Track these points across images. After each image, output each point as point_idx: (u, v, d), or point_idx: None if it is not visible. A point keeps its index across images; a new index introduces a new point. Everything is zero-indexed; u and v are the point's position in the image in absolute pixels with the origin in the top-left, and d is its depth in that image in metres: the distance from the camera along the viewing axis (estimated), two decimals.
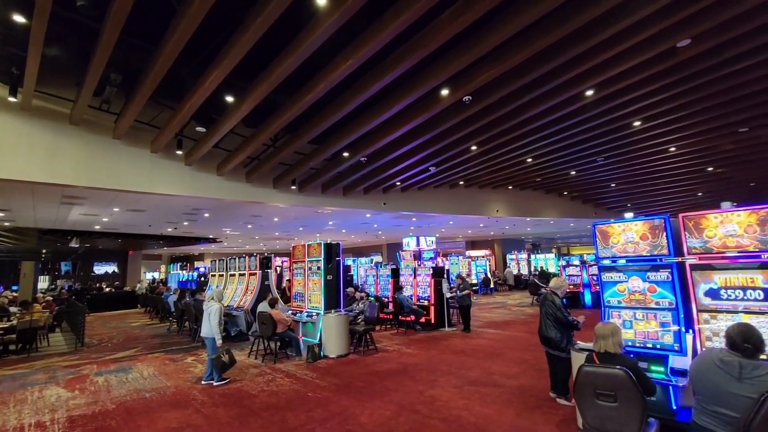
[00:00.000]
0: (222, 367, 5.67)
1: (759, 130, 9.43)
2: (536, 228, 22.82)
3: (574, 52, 5.81)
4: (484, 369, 6.12)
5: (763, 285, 2.94)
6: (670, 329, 3.29)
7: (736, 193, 17.16)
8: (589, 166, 12.61)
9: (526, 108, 7.75)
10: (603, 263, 3.75)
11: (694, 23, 5.43)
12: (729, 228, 3.10)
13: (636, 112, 8.45)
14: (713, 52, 6.24)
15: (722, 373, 2.34)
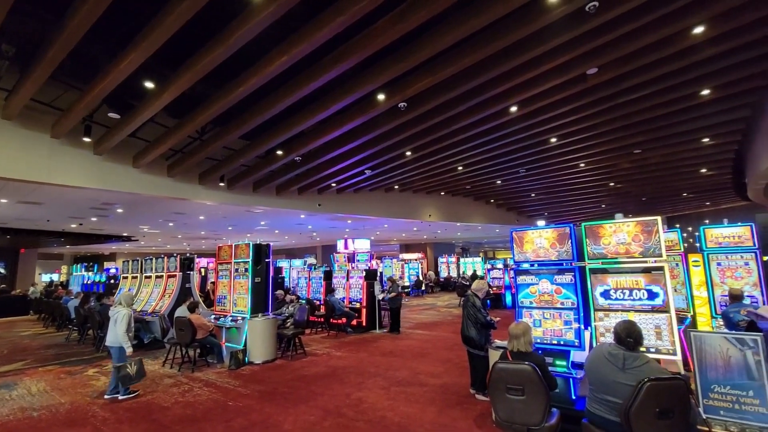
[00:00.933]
0: (127, 379, 5.14)
1: (649, 152, 10.90)
2: (466, 233, 24.04)
3: (500, 70, 6.23)
4: (411, 369, 6.28)
5: (646, 287, 3.39)
6: (572, 327, 3.66)
7: (631, 206, 19.65)
8: (512, 176, 13.60)
9: (458, 118, 8.14)
10: (518, 267, 4.06)
11: (599, 54, 6.12)
12: (620, 237, 3.53)
13: (553, 130, 9.30)
14: (615, 81, 7.07)
15: (610, 364, 2.65)
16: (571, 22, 5.26)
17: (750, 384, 3.06)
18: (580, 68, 6.49)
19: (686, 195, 17.23)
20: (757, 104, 8.28)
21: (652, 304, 3.32)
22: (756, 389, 3.04)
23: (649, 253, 3.38)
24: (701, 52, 6.24)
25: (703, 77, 7.13)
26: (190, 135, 8.10)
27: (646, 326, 3.30)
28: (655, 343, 3.25)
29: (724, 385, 3.16)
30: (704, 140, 10.06)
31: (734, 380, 3.13)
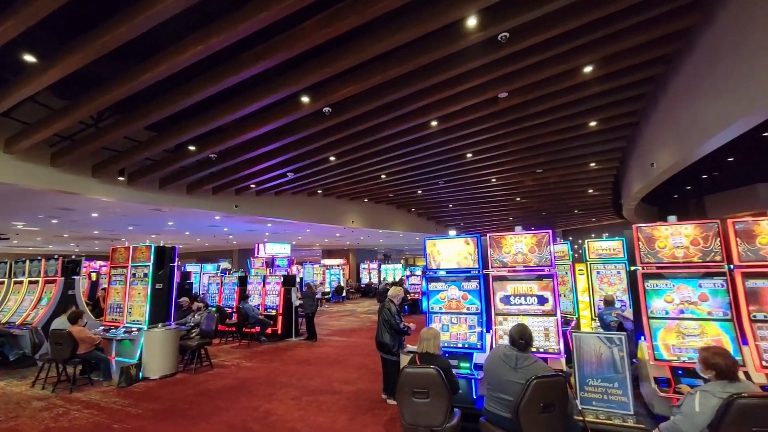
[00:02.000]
0: None
1: (549, 172, 12.25)
2: (388, 240, 24.57)
3: (422, 85, 6.52)
4: (325, 377, 6.18)
5: (538, 293, 3.77)
6: (476, 330, 3.92)
7: (534, 220, 21.84)
8: (432, 187, 14.27)
9: (382, 128, 8.32)
10: (430, 274, 4.25)
11: (509, 81, 6.74)
12: (519, 247, 3.89)
13: (469, 146, 9.97)
14: (522, 106, 7.84)
15: (504, 365, 2.88)
16: (485, 49, 5.71)
17: (615, 377, 3.55)
18: (493, 91, 7.08)
19: (577, 211, 19.67)
20: (631, 137, 9.80)
21: (543, 309, 3.70)
22: (620, 381, 3.53)
23: (542, 263, 3.77)
24: (590, 88, 7.20)
25: (591, 110, 8.23)
26: (83, 121, 7.12)
27: (536, 328, 3.65)
28: (544, 343, 3.63)
29: (597, 378, 3.63)
30: (591, 165, 11.61)
31: (604, 374, 3.61)
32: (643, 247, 3.44)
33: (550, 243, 3.77)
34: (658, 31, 5.70)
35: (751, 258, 3.07)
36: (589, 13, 5.02)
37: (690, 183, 12.99)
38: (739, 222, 3.15)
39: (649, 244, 3.44)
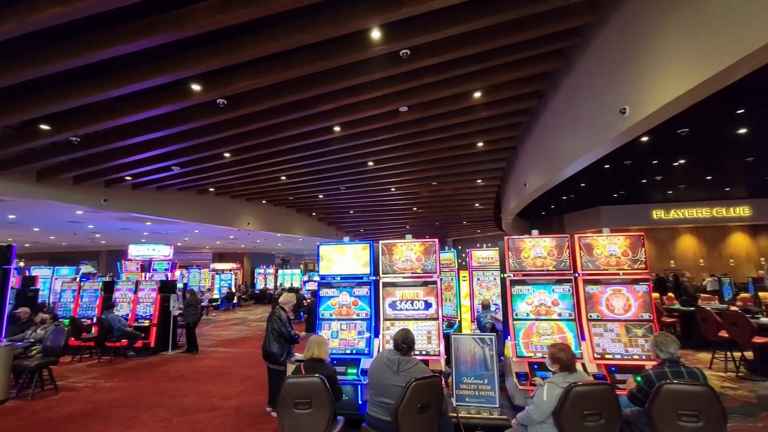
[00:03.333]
0: None
1: (442, 185, 13.22)
2: (287, 244, 23.75)
3: (326, 89, 6.48)
4: (202, 393, 5.64)
5: (424, 298, 3.98)
6: (365, 336, 3.97)
7: (429, 229, 23.30)
8: (334, 192, 14.25)
9: (283, 128, 8.03)
10: (321, 280, 4.18)
11: (410, 96, 7.10)
12: (409, 254, 4.07)
13: (370, 154, 10.21)
14: (420, 122, 8.32)
15: (387, 368, 2.95)
16: (388, 62, 5.92)
17: (486, 374, 3.90)
18: (394, 104, 7.37)
19: (465, 223, 21.60)
20: (510, 159, 11.12)
21: (427, 314, 3.92)
22: (489, 378, 3.90)
23: (428, 270, 4.00)
24: (478, 112, 7.98)
25: (479, 132, 9.12)
26: None
27: (421, 332, 3.85)
28: (427, 346, 3.83)
29: (471, 376, 3.95)
30: (478, 181, 12.87)
31: (477, 372, 3.94)
32: (512, 256, 3.90)
33: (437, 251, 4.03)
34: (530, 69, 6.58)
35: (590, 267, 3.70)
36: (478, 45, 5.56)
37: (554, 202, 15.24)
38: (583, 237, 3.78)
39: (516, 254, 3.90)
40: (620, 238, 3.71)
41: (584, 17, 5.42)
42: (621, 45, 5.23)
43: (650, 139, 8.29)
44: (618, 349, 3.52)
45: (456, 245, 27.90)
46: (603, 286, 3.66)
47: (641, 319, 3.53)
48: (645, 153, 9.41)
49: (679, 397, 2.56)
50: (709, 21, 3.87)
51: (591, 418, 2.56)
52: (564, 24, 5.47)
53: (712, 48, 3.84)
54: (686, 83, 4.17)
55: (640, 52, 4.89)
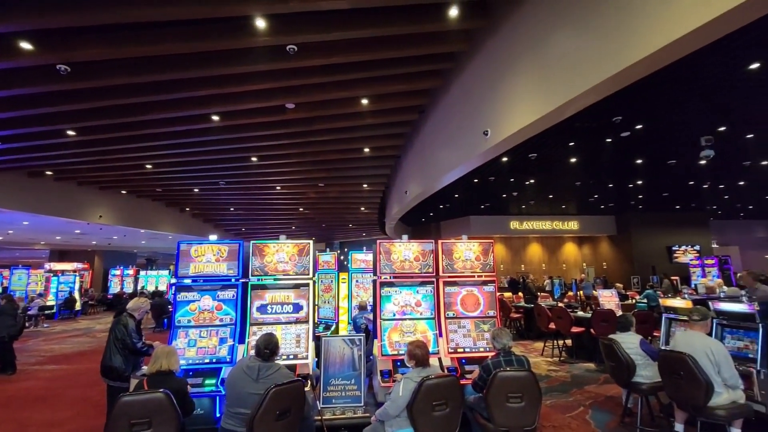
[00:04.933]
0: None
1: (330, 187, 13.24)
2: (153, 242, 20.94)
3: (203, 73, 5.92)
4: (18, 423, 4.56)
5: (295, 300, 3.88)
6: (227, 343, 3.69)
7: (315, 231, 23.07)
8: (212, 186, 13.08)
9: (149, 109, 7.07)
10: (179, 283, 3.76)
11: (297, 94, 6.94)
12: (281, 255, 3.93)
13: (254, 149, 9.66)
14: (308, 121, 8.19)
15: (246, 377, 2.78)
16: (275, 55, 5.69)
17: (353, 374, 3.98)
18: (280, 100, 7.11)
19: (351, 226, 22.00)
20: (394, 167, 11.71)
21: (297, 316, 3.83)
22: (356, 378, 3.98)
23: (301, 272, 3.92)
24: (365, 118, 8.21)
25: (366, 138, 9.39)
26: None
27: (289, 336, 3.75)
28: (295, 350, 3.74)
29: (339, 377, 3.98)
30: (364, 185, 13.24)
31: (345, 373, 3.99)
32: (383, 259, 4.08)
33: (310, 253, 3.98)
34: (413, 85, 7.04)
35: (449, 270, 4.09)
36: (365, 53, 5.72)
37: (432, 210, 16.53)
38: (445, 243, 4.17)
39: (387, 257, 4.10)
40: (475, 245, 4.19)
41: (458, 45, 6.02)
42: (486, 75, 5.95)
43: (509, 159, 9.59)
44: (468, 343, 3.96)
45: (343, 247, 28.23)
46: (459, 287, 4.08)
47: (488, 315, 4.04)
48: (505, 171, 10.86)
49: (509, 382, 2.98)
50: (549, 67, 4.66)
51: (438, 407, 2.80)
52: (441, 47, 6.00)
53: (550, 89, 4.63)
54: (532, 115, 4.94)
55: (500, 83, 5.64)
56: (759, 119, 7.40)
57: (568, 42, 4.36)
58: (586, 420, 4.36)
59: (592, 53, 4.00)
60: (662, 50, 3.31)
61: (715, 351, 3.38)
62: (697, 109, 6.89)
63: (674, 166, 10.38)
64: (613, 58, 3.72)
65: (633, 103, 6.57)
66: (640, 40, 3.45)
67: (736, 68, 5.49)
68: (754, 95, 6.39)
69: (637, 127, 7.69)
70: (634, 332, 4.24)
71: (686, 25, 3.05)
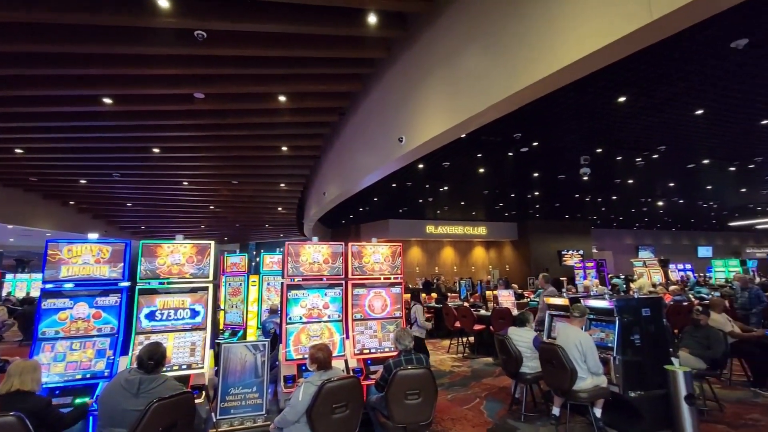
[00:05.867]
0: None
1: (244, 185, 12.55)
2: (24, 239, 17.82)
3: (93, 49, 5.23)
4: None
5: (191, 306, 3.59)
6: (106, 356, 3.27)
7: (228, 230, 21.70)
8: (104, 178, 11.56)
9: (21, 84, 6.02)
10: (46, 288, 3.24)
11: (207, 83, 6.47)
12: (176, 257, 3.61)
13: (157, 140, 8.78)
14: (219, 113, 7.68)
15: (124, 392, 2.49)
16: (181, 40, 5.24)
17: (255, 381, 3.81)
18: (188, 89, 6.57)
19: (268, 226, 21.13)
20: (313, 167, 11.53)
21: (193, 323, 3.54)
22: (258, 385, 3.82)
23: (199, 275, 3.64)
24: (283, 116, 7.95)
25: (284, 136, 9.10)
26: None
27: (183, 344, 3.45)
28: (189, 359, 3.46)
29: (239, 386, 3.78)
30: (281, 185, 12.80)
31: (246, 380, 3.81)
32: (291, 261, 3.98)
33: (211, 254, 3.72)
34: (333, 86, 7.02)
35: (358, 273, 4.14)
36: (281, 49, 5.56)
37: (352, 212, 16.61)
38: (354, 245, 4.21)
39: (295, 259, 4.00)
40: (384, 248, 4.30)
41: (377, 52, 6.16)
42: (403, 84, 6.16)
43: (424, 166, 10.05)
44: (374, 344, 4.03)
45: (260, 248, 26.95)
46: (367, 289, 4.14)
47: (394, 316, 4.17)
48: (421, 177, 11.36)
49: (408, 380, 3.10)
50: (458, 82, 4.99)
51: (338, 410, 2.80)
52: (361, 53, 6.08)
53: (458, 103, 4.95)
54: (441, 126, 5.23)
55: (415, 93, 5.88)
56: (626, 145, 8.77)
57: (474, 61, 4.71)
58: (480, 410, 4.71)
59: (493, 73, 4.38)
60: (550, 76, 3.74)
61: (583, 342, 3.91)
62: (580, 131, 7.94)
63: (563, 181, 11.82)
64: (511, 79, 4.11)
65: (530, 122, 7.33)
66: (533, 66, 3.86)
67: (608, 99, 6.44)
68: (622, 124, 7.57)
69: (534, 144, 8.61)
70: (530, 328, 4.71)
71: (570, 56, 3.49)
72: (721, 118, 7.27)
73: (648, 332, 4.28)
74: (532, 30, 3.90)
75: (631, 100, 6.47)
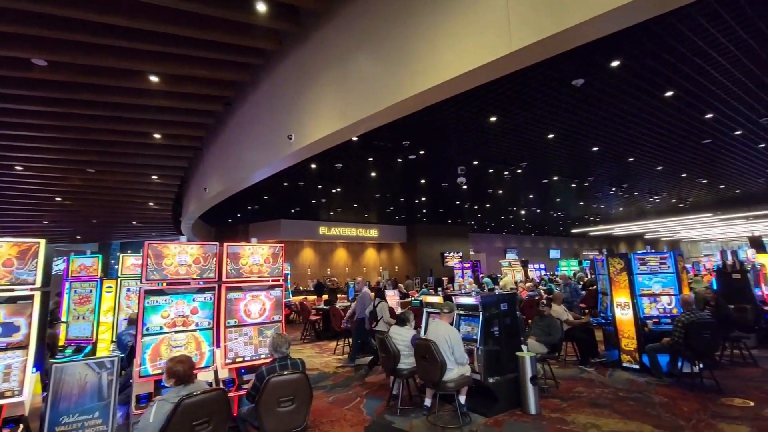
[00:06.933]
0: None
1: (104, 175, 10.72)
2: None
3: None
4: None
5: (7, 320, 2.88)
6: None
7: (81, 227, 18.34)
8: None
9: None
10: None
11: (51, 48, 5.36)
12: None
13: None
14: (70, 87, 6.43)
15: None
16: None
17: (98, 405, 3.23)
18: (24, 52, 5.36)
19: (136, 223, 18.46)
20: (194, 160, 10.45)
21: (9, 341, 2.85)
22: (102, 409, 3.25)
23: (18, 281, 2.94)
24: (156, 99, 7.02)
25: (157, 122, 8.04)
26: None
27: None
28: (2, 386, 2.76)
29: (74, 413, 3.16)
30: (153, 177, 11.29)
31: (85, 405, 3.20)
32: (151, 263, 3.49)
33: (40, 255, 3.04)
34: (217, 73, 6.45)
35: (234, 275, 3.84)
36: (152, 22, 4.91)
37: (240, 211, 15.53)
38: (231, 246, 3.89)
39: (157, 261, 3.52)
40: (264, 249, 4.07)
41: (268, 43, 5.86)
42: (294, 80, 5.98)
43: (317, 167, 9.92)
44: (249, 351, 3.77)
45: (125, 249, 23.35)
46: (244, 292, 3.86)
47: (273, 320, 3.96)
48: (314, 178, 11.18)
49: (281, 387, 2.96)
50: (348, 84, 5.02)
51: (199, 426, 2.54)
52: (249, 41, 5.71)
53: (348, 105, 4.99)
54: (331, 127, 5.20)
55: (306, 90, 5.75)
56: (497, 159, 9.95)
57: (365, 65, 4.80)
58: (360, 409, 4.79)
59: (382, 80, 4.52)
60: (431, 90, 4.00)
61: (452, 336, 4.26)
62: (460, 144, 8.74)
63: (446, 188, 12.87)
64: (398, 88, 4.29)
65: (417, 131, 7.80)
66: (417, 77, 4.08)
67: (483, 117, 7.21)
68: (494, 141, 8.56)
69: (421, 152, 9.18)
70: (410, 327, 4.94)
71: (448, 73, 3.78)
72: (566, 143, 8.74)
73: (505, 324, 4.87)
74: (417, 44, 4.13)
75: (501, 121, 7.35)
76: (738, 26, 4.63)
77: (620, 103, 6.66)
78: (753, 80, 5.97)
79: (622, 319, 6.04)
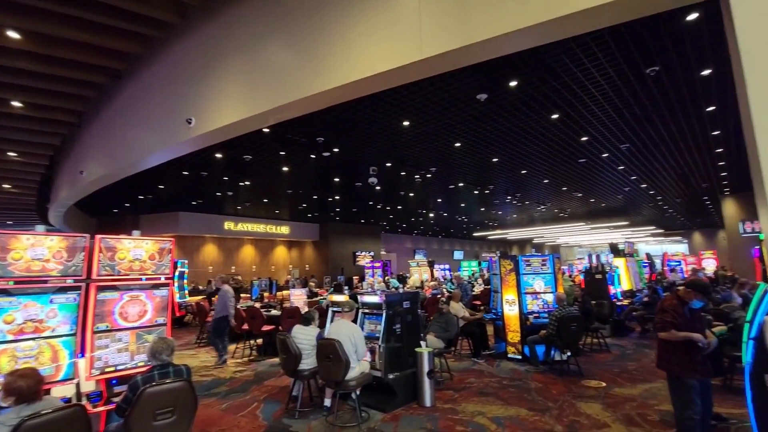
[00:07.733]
0: None
1: None
2: None
3: None
4: None
5: None
6: None
7: None
8: None
9: None
10: None
11: None
12: None
13: None
14: None
15: None
16: None
17: None
18: None
19: None
20: (68, 137, 8.94)
21: None
22: None
23: None
24: (16, 60, 5.84)
25: (18, 88, 6.69)
26: None
27: None
28: None
29: None
30: (11, 154, 9.38)
31: None
32: None
33: None
34: (101, 40, 5.61)
35: (107, 272, 3.33)
36: None
37: (128, 201, 13.74)
38: (106, 239, 3.37)
39: (3, 255, 2.88)
40: (148, 243, 3.60)
41: (166, 14, 5.27)
42: (197, 60, 5.46)
43: (223, 156, 9.20)
44: (124, 359, 3.30)
45: None
46: (120, 292, 3.37)
47: (156, 323, 3.53)
48: (220, 168, 10.36)
49: (159, 398, 2.64)
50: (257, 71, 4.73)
51: None
52: (143, 9, 5.06)
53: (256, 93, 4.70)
54: (237, 114, 4.86)
55: (211, 72, 5.29)
56: (409, 163, 10.31)
57: (276, 53, 4.57)
58: (256, 415, 4.53)
59: (293, 71, 4.34)
60: (342, 87, 3.96)
61: (355, 334, 4.26)
62: (374, 145, 8.85)
63: (360, 188, 12.96)
64: (309, 81, 4.16)
65: (331, 128, 7.69)
66: (329, 73, 4.00)
67: (396, 121, 7.39)
68: (406, 145, 8.84)
69: (335, 150, 9.09)
70: (315, 326, 4.81)
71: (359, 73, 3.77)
72: (470, 152, 9.42)
73: (406, 321, 5.04)
74: (332, 40, 4.05)
75: (413, 126, 7.62)
76: (608, 66, 5.44)
77: (516, 120, 7.37)
78: (617, 112, 7.09)
79: (510, 315, 6.69)
